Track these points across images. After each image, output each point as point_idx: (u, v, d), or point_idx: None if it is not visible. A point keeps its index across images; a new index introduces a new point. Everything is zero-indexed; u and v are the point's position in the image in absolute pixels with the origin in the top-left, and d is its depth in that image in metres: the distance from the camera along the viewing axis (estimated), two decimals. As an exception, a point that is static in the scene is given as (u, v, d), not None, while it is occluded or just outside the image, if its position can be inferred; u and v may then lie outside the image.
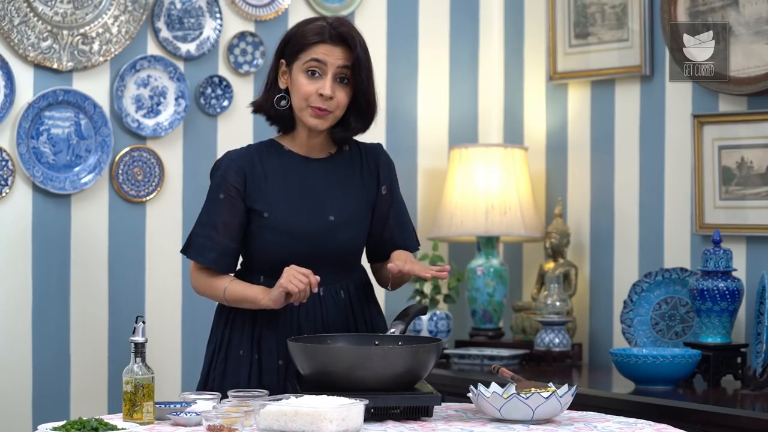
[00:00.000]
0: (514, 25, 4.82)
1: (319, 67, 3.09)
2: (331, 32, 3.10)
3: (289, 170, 3.18)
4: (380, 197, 3.25)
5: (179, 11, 4.28)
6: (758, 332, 3.80)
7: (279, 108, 3.17)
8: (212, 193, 3.19)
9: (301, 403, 2.67)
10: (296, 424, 2.63)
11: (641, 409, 3.56)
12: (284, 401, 2.70)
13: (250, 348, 3.16)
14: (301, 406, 2.64)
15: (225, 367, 3.17)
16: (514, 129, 4.83)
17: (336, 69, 3.09)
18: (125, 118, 4.20)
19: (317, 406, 2.63)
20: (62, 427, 2.68)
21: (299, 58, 3.11)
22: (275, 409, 2.66)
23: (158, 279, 4.27)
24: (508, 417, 2.82)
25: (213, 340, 3.24)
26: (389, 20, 4.67)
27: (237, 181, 3.15)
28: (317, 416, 2.61)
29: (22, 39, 4.03)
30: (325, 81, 3.09)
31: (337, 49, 3.10)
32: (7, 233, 4.04)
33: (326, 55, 3.09)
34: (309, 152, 3.20)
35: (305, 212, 3.15)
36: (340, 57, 3.09)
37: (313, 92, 3.09)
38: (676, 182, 4.25)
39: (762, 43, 3.97)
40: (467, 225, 4.52)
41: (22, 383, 4.06)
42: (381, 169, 3.26)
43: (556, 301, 4.36)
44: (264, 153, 3.19)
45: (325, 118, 3.12)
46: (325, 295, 3.19)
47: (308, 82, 3.10)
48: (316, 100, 3.09)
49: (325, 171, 3.20)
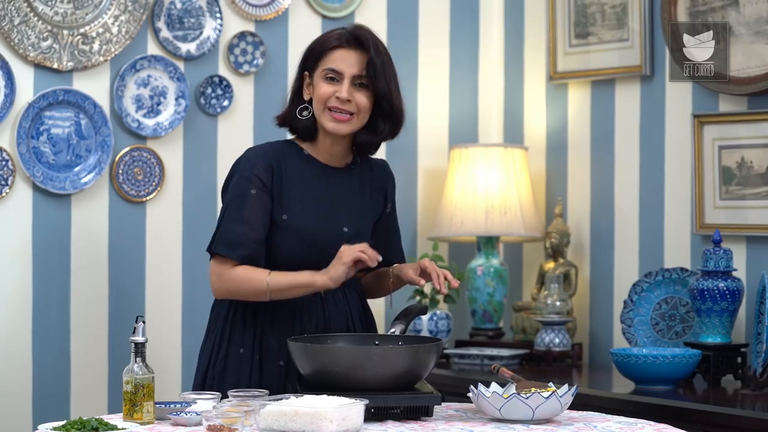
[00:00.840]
0: (514, 25, 4.82)
1: (337, 74, 3.12)
2: (347, 37, 3.13)
3: (310, 175, 3.18)
4: (384, 214, 3.30)
5: (179, 11, 4.28)
6: (758, 332, 3.80)
7: (301, 118, 3.18)
8: (240, 188, 3.13)
9: (301, 403, 2.67)
10: (296, 424, 2.63)
11: (641, 409, 3.56)
12: (284, 401, 2.70)
13: (251, 347, 3.16)
14: (301, 406, 2.64)
15: (225, 365, 3.17)
16: (514, 129, 4.83)
17: (353, 73, 3.12)
18: (125, 117, 4.20)
19: (317, 406, 2.63)
20: (62, 427, 2.68)
21: (319, 66, 3.15)
22: (275, 409, 2.66)
23: (158, 279, 4.27)
24: (509, 417, 2.82)
25: (211, 337, 3.23)
26: (389, 20, 4.67)
27: (266, 177, 3.13)
28: (317, 416, 2.61)
29: (22, 39, 4.03)
30: (342, 85, 3.11)
31: (353, 53, 3.12)
32: (7, 233, 4.04)
33: (343, 59, 3.12)
34: (329, 160, 3.22)
35: (322, 220, 3.16)
36: (356, 60, 3.12)
37: (331, 94, 3.11)
38: (676, 182, 4.25)
39: (762, 43, 3.97)
40: (467, 225, 4.52)
41: (22, 383, 4.06)
42: (389, 187, 3.31)
43: (556, 301, 4.36)
44: (286, 153, 3.19)
45: (346, 123, 3.13)
46: (327, 298, 3.19)
47: (327, 86, 3.12)
48: (333, 102, 3.11)
49: (343, 181, 3.22)
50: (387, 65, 3.14)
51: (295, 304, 3.15)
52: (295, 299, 3.14)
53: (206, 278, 3.24)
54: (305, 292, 3.10)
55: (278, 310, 3.14)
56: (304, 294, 3.11)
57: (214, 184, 4.30)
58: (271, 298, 3.10)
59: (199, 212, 4.28)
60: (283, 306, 3.15)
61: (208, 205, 4.31)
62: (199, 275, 4.25)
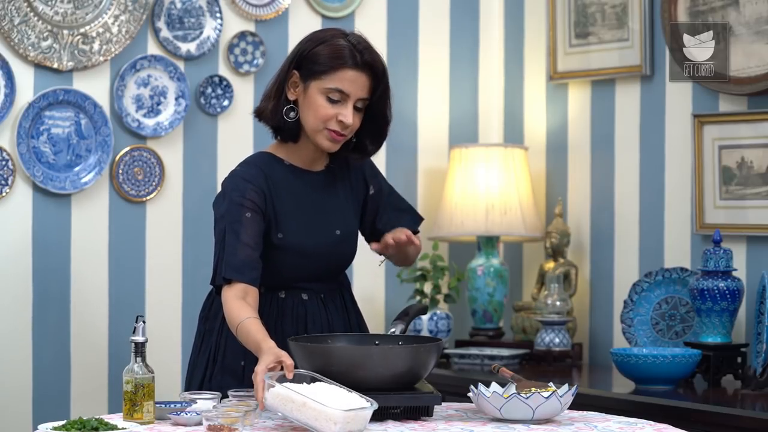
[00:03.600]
0: (514, 25, 4.82)
1: (342, 96, 3.03)
2: (356, 57, 3.03)
3: (294, 186, 3.13)
4: (369, 197, 3.26)
5: (179, 11, 4.28)
6: (758, 332, 3.80)
7: (287, 119, 3.09)
8: (234, 214, 3.05)
9: (312, 395, 2.65)
10: (301, 414, 2.62)
11: (641, 408, 3.56)
12: (296, 386, 2.69)
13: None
14: (311, 399, 2.63)
15: (222, 378, 3.11)
16: (514, 129, 4.83)
17: (359, 96, 3.04)
18: (125, 117, 4.20)
19: (326, 404, 2.62)
20: (62, 427, 2.68)
21: (321, 79, 3.03)
22: (284, 393, 2.65)
23: (158, 279, 4.27)
24: (509, 417, 2.82)
25: (205, 349, 3.17)
26: (389, 20, 4.67)
27: (258, 200, 3.06)
28: (323, 415, 2.60)
29: (22, 39, 4.03)
30: (346, 108, 3.03)
31: (362, 77, 3.03)
32: (7, 233, 4.04)
33: (351, 83, 3.02)
34: (310, 165, 3.17)
35: (315, 231, 3.13)
36: (364, 86, 3.03)
37: (333, 117, 3.03)
38: (677, 182, 4.25)
39: (762, 42, 3.97)
40: (467, 225, 4.52)
41: (22, 383, 4.06)
42: (366, 172, 3.25)
43: (556, 300, 4.36)
44: (271, 170, 3.12)
45: (340, 142, 3.09)
46: (327, 301, 3.20)
47: (328, 106, 3.03)
48: (335, 125, 3.04)
49: (325, 184, 3.18)
50: (388, 88, 3.09)
51: (299, 311, 3.15)
52: (295, 310, 3.15)
53: (206, 278, 3.23)
54: (252, 350, 2.95)
55: (280, 319, 3.14)
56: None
57: (214, 184, 4.30)
58: (235, 334, 2.99)
59: (199, 212, 4.27)
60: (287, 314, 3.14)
61: (208, 205, 4.27)
62: (199, 275, 4.25)
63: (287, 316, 3.15)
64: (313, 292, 3.17)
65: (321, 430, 2.61)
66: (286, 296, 3.16)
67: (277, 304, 3.15)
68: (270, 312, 3.13)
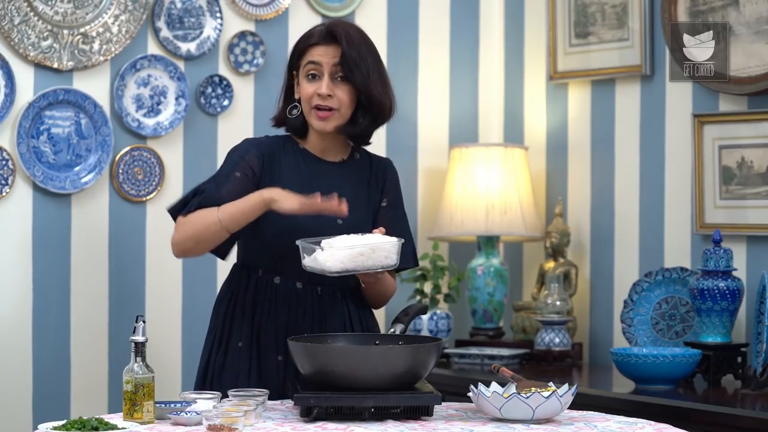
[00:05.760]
0: (514, 24, 4.82)
1: (316, 69, 3.16)
2: (322, 32, 3.17)
3: (303, 168, 3.21)
4: (380, 209, 3.29)
5: (179, 11, 4.28)
6: (758, 332, 3.80)
7: (290, 117, 3.23)
8: (225, 169, 3.18)
9: (370, 238, 2.99)
10: (373, 261, 2.99)
11: (641, 408, 3.56)
12: (349, 240, 2.99)
13: (249, 341, 3.17)
14: (376, 243, 2.99)
15: (224, 359, 3.18)
16: (514, 129, 4.83)
17: (331, 68, 3.15)
18: (125, 117, 4.20)
19: (385, 240, 3.00)
20: (62, 427, 2.68)
21: (301, 63, 3.19)
22: (350, 251, 2.96)
23: (158, 279, 4.27)
24: (509, 416, 2.82)
25: (212, 333, 3.25)
26: (389, 20, 4.67)
27: (255, 164, 3.17)
28: (395, 248, 3.00)
29: (22, 38, 4.03)
30: (323, 81, 3.14)
31: (330, 48, 3.15)
32: (7, 233, 4.04)
33: (321, 55, 3.15)
34: (323, 155, 3.25)
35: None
36: (333, 55, 3.15)
37: (313, 93, 3.15)
38: (677, 182, 4.25)
39: (762, 42, 3.97)
40: (467, 225, 4.52)
41: (22, 383, 4.06)
42: (387, 183, 3.31)
43: (556, 300, 4.36)
44: (281, 146, 3.24)
45: (329, 119, 3.16)
46: (323, 295, 3.20)
47: (309, 85, 3.17)
48: (316, 99, 3.15)
49: (337, 175, 3.23)
50: (364, 57, 3.15)
51: (291, 299, 3.16)
52: (290, 294, 3.16)
53: (206, 278, 3.25)
54: (256, 210, 3.05)
55: (274, 305, 3.16)
56: (257, 213, 3.06)
57: (214, 183, 4.30)
58: (227, 229, 3.06)
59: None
60: (280, 301, 3.17)
61: (208, 205, 4.31)
62: (199, 275, 4.25)
63: (280, 303, 3.17)
64: (309, 284, 3.18)
65: (391, 263, 2.99)
66: (281, 282, 3.19)
67: (272, 289, 3.19)
68: (264, 296, 3.18)
